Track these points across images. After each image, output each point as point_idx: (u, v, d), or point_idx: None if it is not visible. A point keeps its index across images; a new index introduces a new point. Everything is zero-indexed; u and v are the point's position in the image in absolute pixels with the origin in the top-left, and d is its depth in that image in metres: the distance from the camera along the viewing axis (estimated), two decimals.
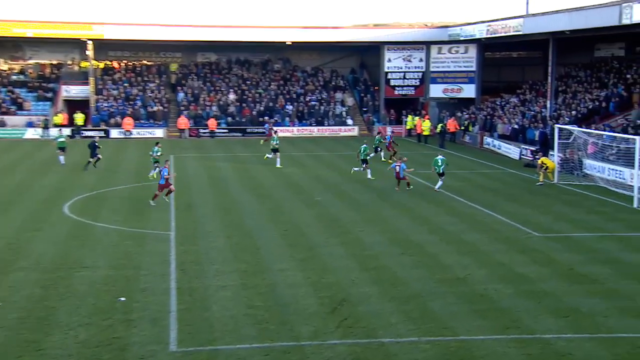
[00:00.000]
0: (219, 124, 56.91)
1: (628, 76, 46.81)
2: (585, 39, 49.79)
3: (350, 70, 66.04)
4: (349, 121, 59.64)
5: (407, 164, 31.98)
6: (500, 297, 17.08)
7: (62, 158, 38.78)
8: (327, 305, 16.43)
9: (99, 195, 30.55)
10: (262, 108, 59.06)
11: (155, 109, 58.18)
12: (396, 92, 60.50)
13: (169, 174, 27.80)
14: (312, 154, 45.71)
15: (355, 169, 35.38)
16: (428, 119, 55.03)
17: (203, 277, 18.53)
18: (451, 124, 53.11)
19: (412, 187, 31.47)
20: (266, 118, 57.53)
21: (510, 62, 63.83)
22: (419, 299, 16.92)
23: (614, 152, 33.90)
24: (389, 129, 58.27)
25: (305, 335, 14.65)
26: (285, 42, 59.93)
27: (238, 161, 42.23)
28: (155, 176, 33.06)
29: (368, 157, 35.38)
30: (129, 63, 63.61)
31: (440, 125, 52.31)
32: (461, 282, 18.29)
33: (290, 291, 17.43)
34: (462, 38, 56.83)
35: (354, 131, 58.40)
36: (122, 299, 16.82)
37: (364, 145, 35.50)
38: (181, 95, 60.24)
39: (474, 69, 58.62)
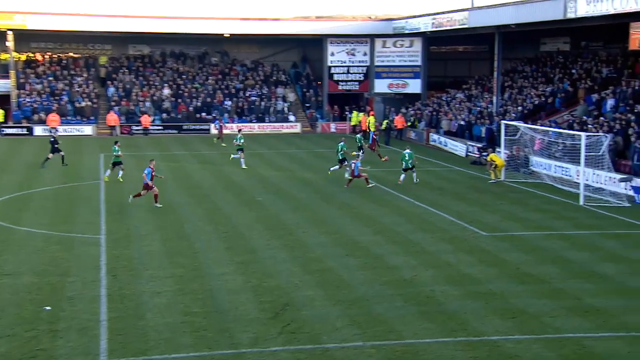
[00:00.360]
0: (152, 121, 56.16)
1: (573, 71, 48.15)
2: (531, 33, 50.98)
3: (292, 64, 66.05)
4: (291, 117, 59.62)
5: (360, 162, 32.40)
6: (447, 298, 17.32)
7: None
8: (268, 310, 16.37)
9: (23, 197, 29.74)
10: (199, 104, 58.52)
11: (83, 104, 56.97)
12: (340, 87, 60.79)
13: (152, 174, 27.34)
14: (253, 152, 45.51)
15: (332, 168, 35.32)
16: (373, 115, 55.37)
17: (136, 283, 18.23)
18: (398, 121, 53.73)
19: (373, 184, 31.69)
20: (202, 115, 57.05)
21: (456, 57, 64.93)
22: (364, 302, 17.01)
23: (560, 148, 34.79)
24: (332, 125, 58.80)
25: (246, 342, 14.56)
26: (223, 35, 59.53)
27: (174, 160, 41.74)
28: (107, 179, 32.85)
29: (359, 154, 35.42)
30: (54, 55, 62.03)
31: (385, 121, 52.85)
32: (408, 284, 18.47)
33: (230, 296, 17.31)
34: (407, 31, 57.46)
35: (297, 128, 58.45)
36: (48, 308, 16.42)
37: (342, 143, 35.58)
38: (111, 90, 59.17)
39: (419, 63, 59.34)
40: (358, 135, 41.91)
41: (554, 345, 14.57)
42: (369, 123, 52.14)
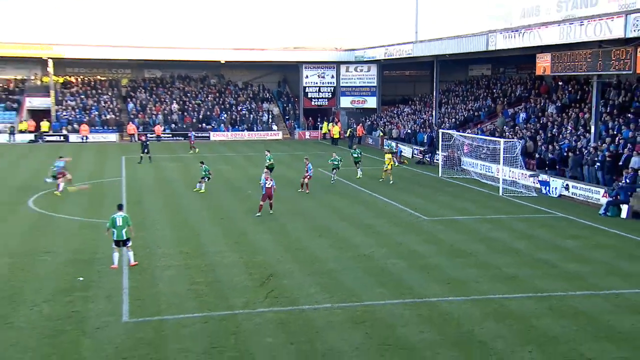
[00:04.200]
0: (164, 130, 55.62)
1: (494, 91, 48.63)
2: (462, 61, 51.34)
3: (275, 84, 65.83)
4: (274, 127, 59.50)
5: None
6: (397, 269, 17.39)
7: None
8: (256, 280, 16.32)
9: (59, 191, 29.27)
10: (200, 116, 58.11)
11: (108, 117, 56.32)
12: (313, 103, 60.70)
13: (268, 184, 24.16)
14: (243, 155, 45.35)
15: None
16: (339, 124, 55.60)
17: (151, 259, 18.07)
18: (360, 129, 54.06)
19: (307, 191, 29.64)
20: (203, 125, 56.63)
21: (404, 79, 65.12)
22: (332, 273, 17.02)
23: (484, 151, 35.11)
24: (307, 133, 58.67)
25: (239, 305, 14.52)
26: (220, 61, 59.08)
27: (180, 161, 41.41)
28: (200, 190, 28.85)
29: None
30: (85, 78, 61.20)
31: (349, 130, 52.93)
32: (367, 258, 18.51)
33: (226, 270, 17.22)
34: (365, 59, 57.55)
35: (279, 135, 58.42)
36: (81, 278, 16.23)
37: (356, 149, 35.45)
38: (131, 105, 58.50)
39: (375, 84, 59.52)
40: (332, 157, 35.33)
41: (480, 304, 14.73)
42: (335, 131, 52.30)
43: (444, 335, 12.91)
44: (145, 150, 39.39)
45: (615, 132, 30.62)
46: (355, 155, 34.66)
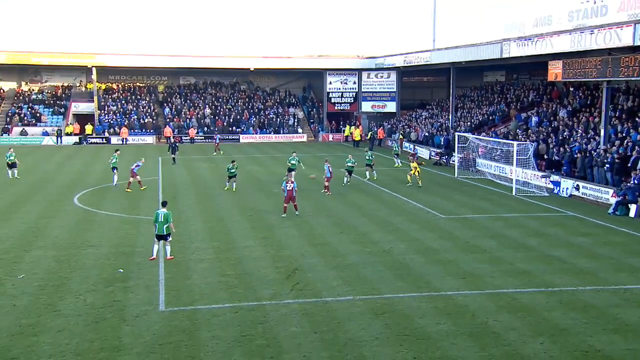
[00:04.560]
0: (197, 133, 56.14)
1: (508, 96, 48.06)
2: (477, 67, 50.88)
3: (300, 90, 65.98)
4: (300, 130, 59.63)
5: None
6: (415, 264, 17.33)
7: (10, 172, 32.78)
8: (283, 273, 16.41)
9: (102, 189, 29.82)
10: (231, 120, 58.51)
11: (146, 120, 57.02)
12: (336, 108, 60.67)
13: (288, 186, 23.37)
14: (271, 156, 45.53)
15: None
16: (360, 128, 55.57)
17: (185, 253, 18.27)
18: (380, 132, 54.00)
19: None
20: (233, 128, 57.02)
21: (422, 85, 64.76)
22: (354, 267, 17.02)
23: (498, 153, 34.77)
24: (330, 136, 58.57)
25: (266, 296, 14.61)
26: (249, 68, 59.46)
27: (212, 162, 41.73)
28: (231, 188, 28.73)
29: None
30: (125, 85, 62.11)
31: (370, 132, 52.85)
32: (386, 253, 18.47)
33: (254, 263, 17.34)
34: (385, 66, 57.31)
35: (304, 138, 58.51)
36: (121, 270, 16.49)
37: (369, 152, 34.31)
38: (167, 110, 59.15)
39: (394, 90, 59.26)
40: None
41: (493, 297, 14.62)
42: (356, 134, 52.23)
43: (459, 326, 12.84)
44: (174, 152, 39.64)
45: (624, 135, 30.10)
46: (367, 158, 33.73)
